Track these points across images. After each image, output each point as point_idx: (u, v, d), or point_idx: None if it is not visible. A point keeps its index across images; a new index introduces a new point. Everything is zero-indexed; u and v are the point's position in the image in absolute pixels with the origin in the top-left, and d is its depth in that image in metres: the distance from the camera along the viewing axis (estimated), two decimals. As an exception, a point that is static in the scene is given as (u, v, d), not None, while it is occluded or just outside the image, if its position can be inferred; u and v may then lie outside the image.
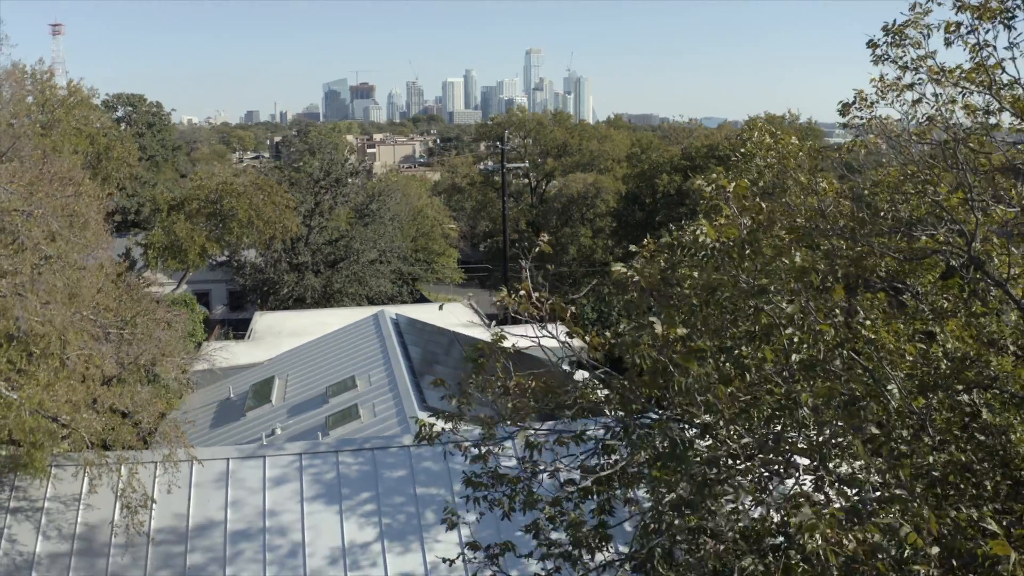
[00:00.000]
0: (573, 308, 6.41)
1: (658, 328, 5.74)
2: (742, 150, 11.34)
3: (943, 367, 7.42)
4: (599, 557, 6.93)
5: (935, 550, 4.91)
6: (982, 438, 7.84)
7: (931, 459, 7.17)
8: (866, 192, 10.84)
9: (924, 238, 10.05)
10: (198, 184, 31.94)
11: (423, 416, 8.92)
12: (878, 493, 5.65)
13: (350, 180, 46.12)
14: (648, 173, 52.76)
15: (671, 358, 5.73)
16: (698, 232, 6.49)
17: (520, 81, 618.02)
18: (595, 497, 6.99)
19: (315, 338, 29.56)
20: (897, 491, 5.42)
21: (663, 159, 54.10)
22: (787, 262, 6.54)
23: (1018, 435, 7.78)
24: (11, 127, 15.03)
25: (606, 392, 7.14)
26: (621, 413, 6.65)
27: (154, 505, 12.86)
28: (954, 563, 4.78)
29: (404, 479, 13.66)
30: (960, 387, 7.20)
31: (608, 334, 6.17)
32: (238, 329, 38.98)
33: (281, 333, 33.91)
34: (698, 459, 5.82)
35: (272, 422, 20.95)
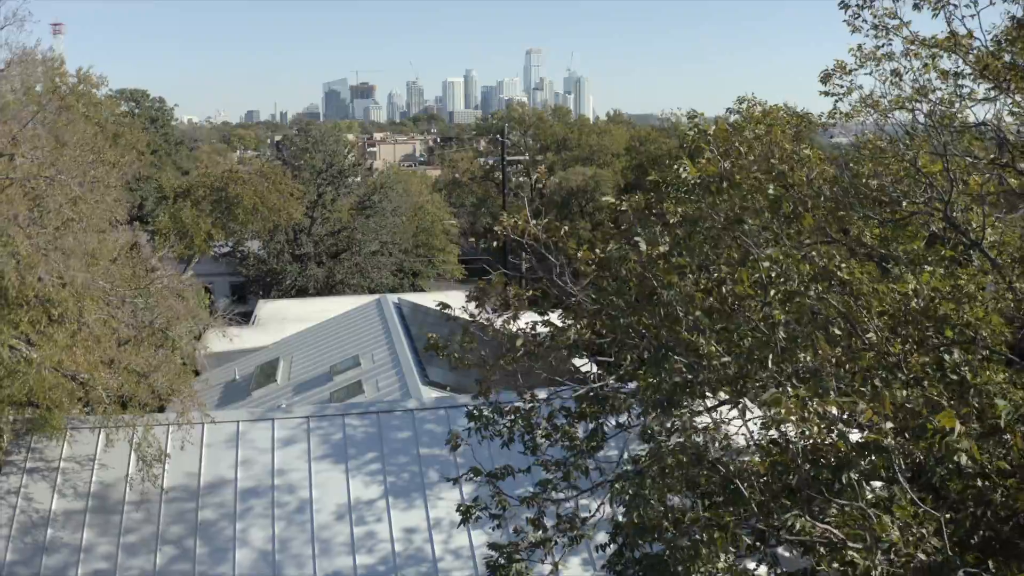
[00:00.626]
0: (567, 227, 6.91)
1: (643, 245, 6.23)
2: (732, 119, 11.83)
3: (914, 304, 7.89)
4: (593, 474, 7.42)
5: (889, 425, 5.40)
6: (954, 377, 8.32)
7: (903, 394, 7.66)
8: (849, 162, 11.35)
9: (905, 203, 10.54)
10: (204, 172, 32.49)
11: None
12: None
13: (352, 171, 46.63)
14: (646, 165, 53.32)
15: (655, 274, 6.23)
16: (680, 170, 6.98)
17: (520, 81, 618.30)
18: (588, 421, 7.49)
19: (319, 323, 30.07)
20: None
21: (661, 151, 54.63)
22: (761, 198, 7.03)
23: (987, 375, 8.26)
24: (24, 107, 15.49)
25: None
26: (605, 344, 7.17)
27: (167, 464, 13.36)
28: (906, 435, 5.24)
29: (408, 441, 14.17)
30: (929, 324, 7.66)
31: (598, 251, 6.67)
32: (241, 322, 39.46)
33: (285, 319, 34.37)
34: (679, 365, 6.32)
35: (278, 399, 21.45)
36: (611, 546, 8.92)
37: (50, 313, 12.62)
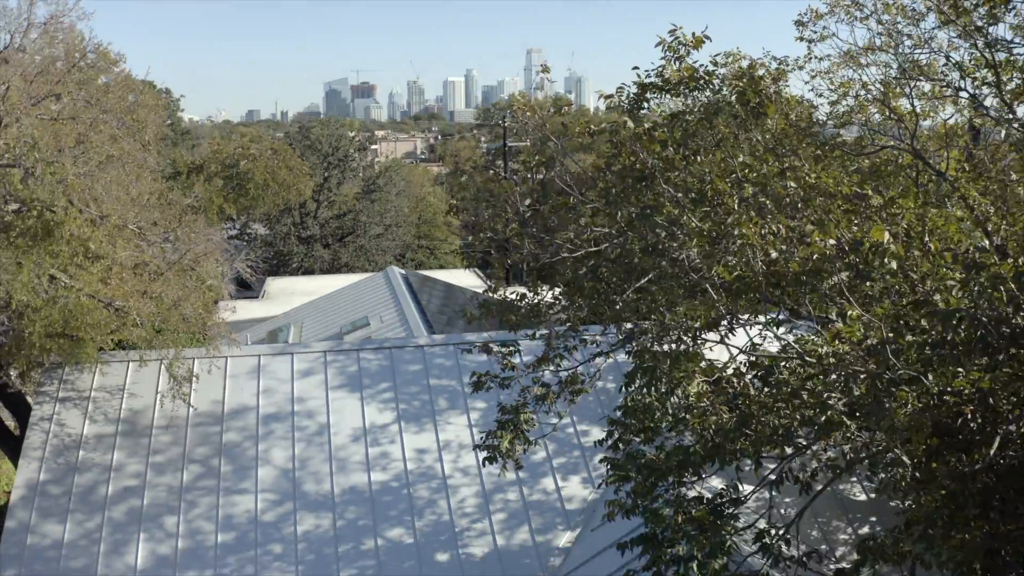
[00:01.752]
0: (566, 106, 7.79)
1: (630, 123, 7.12)
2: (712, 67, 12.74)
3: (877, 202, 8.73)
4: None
5: (831, 242, 6.27)
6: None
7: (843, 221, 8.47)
8: (825, 100, 12.26)
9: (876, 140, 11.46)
10: (216, 148, 33.33)
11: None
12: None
13: (357, 155, 47.55)
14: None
15: (641, 145, 7.13)
16: (664, 71, 7.90)
17: (521, 81, 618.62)
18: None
19: (327, 293, 30.98)
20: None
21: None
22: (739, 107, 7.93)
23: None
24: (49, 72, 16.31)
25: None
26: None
27: (195, 387, 14.24)
28: (845, 247, 6.08)
29: (419, 373, 15.07)
30: (898, 213, 8.48)
31: (593, 126, 7.55)
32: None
33: (294, 293, 35.35)
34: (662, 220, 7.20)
35: (290, 357, 22.33)
36: (607, 441, 9.79)
37: (87, 248, 13.49)
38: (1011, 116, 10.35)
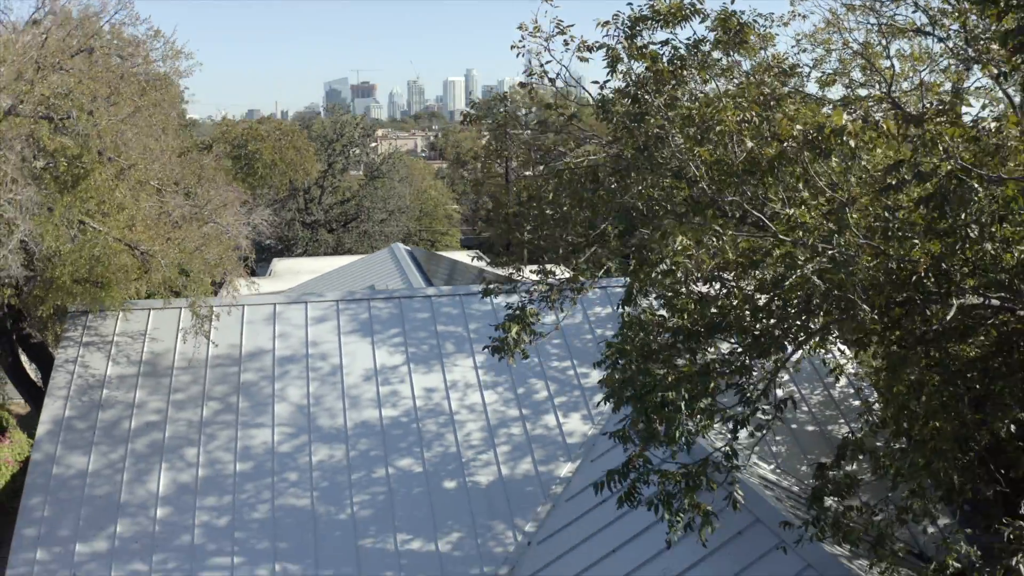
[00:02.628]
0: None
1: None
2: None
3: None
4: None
5: (798, 127, 6.99)
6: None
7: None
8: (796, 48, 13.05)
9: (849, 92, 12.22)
10: (225, 128, 34.07)
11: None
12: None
13: (361, 141, 48.31)
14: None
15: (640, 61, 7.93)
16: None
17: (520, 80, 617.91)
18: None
19: (334, 269, 31.76)
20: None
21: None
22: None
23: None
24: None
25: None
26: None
27: (214, 328, 14.96)
28: (810, 133, 6.80)
29: (427, 320, 15.81)
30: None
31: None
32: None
33: (300, 272, 36.06)
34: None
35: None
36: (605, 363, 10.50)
37: (113, 197, 14.23)
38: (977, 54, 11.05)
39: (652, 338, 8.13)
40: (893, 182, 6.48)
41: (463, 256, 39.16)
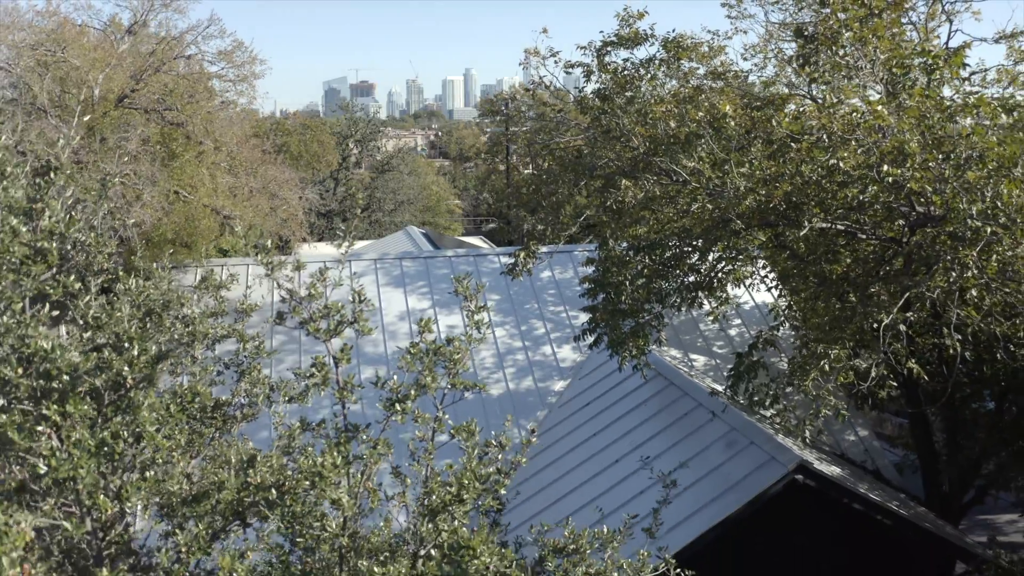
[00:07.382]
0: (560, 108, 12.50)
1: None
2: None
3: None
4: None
5: (700, 114, 10.78)
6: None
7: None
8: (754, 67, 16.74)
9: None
10: (252, 123, 38.04)
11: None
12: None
13: (373, 135, 52.05)
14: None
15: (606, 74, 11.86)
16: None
17: (520, 80, 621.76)
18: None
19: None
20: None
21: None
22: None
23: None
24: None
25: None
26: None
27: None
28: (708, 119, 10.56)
29: (447, 274, 19.59)
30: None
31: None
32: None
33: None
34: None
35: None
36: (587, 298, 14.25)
37: (199, 171, 18.01)
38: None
39: (623, 270, 11.89)
40: (749, 145, 10.19)
41: (471, 240, 43.02)
